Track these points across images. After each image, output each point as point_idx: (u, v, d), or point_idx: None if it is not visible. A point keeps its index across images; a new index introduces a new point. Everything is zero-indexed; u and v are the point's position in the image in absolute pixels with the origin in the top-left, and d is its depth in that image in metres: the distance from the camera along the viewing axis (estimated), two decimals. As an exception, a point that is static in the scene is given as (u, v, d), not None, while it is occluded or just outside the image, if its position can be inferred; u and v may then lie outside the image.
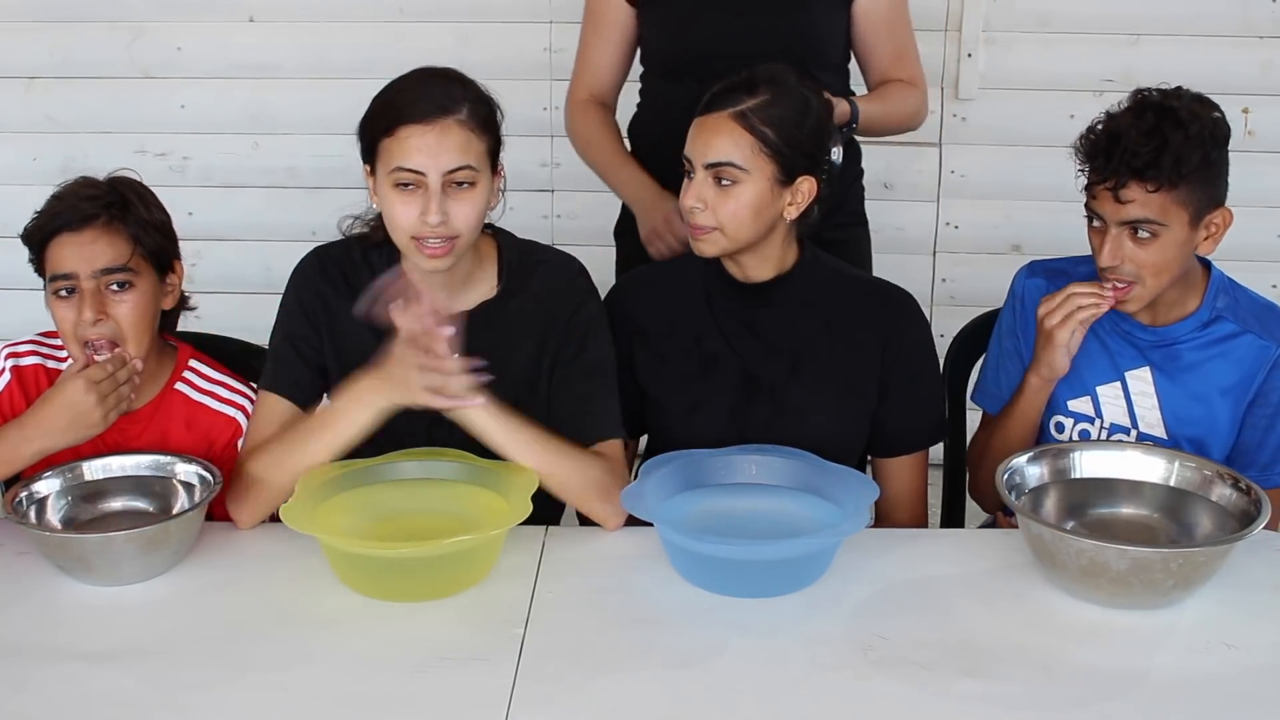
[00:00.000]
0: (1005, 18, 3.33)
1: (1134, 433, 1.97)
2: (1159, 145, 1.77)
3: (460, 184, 1.77)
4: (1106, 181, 1.81)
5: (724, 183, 1.85)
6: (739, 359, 1.97)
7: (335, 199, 3.68)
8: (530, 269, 1.93)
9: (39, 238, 1.85)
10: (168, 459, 1.87)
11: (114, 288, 1.85)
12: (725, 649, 1.58)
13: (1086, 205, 1.87)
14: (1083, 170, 1.86)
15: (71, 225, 1.83)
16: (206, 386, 1.97)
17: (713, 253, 1.91)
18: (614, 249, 2.48)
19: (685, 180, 1.90)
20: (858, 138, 2.38)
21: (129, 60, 3.46)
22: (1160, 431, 1.97)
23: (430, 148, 1.75)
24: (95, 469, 1.87)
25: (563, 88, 3.21)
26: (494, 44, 3.39)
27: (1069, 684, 1.51)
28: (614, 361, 1.95)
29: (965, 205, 3.47)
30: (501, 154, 1.85)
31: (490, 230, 1.94)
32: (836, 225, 2.37)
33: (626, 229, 2.38)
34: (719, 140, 1.85)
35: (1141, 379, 1.97)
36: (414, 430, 1.85)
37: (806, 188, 1.90)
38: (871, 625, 1.62)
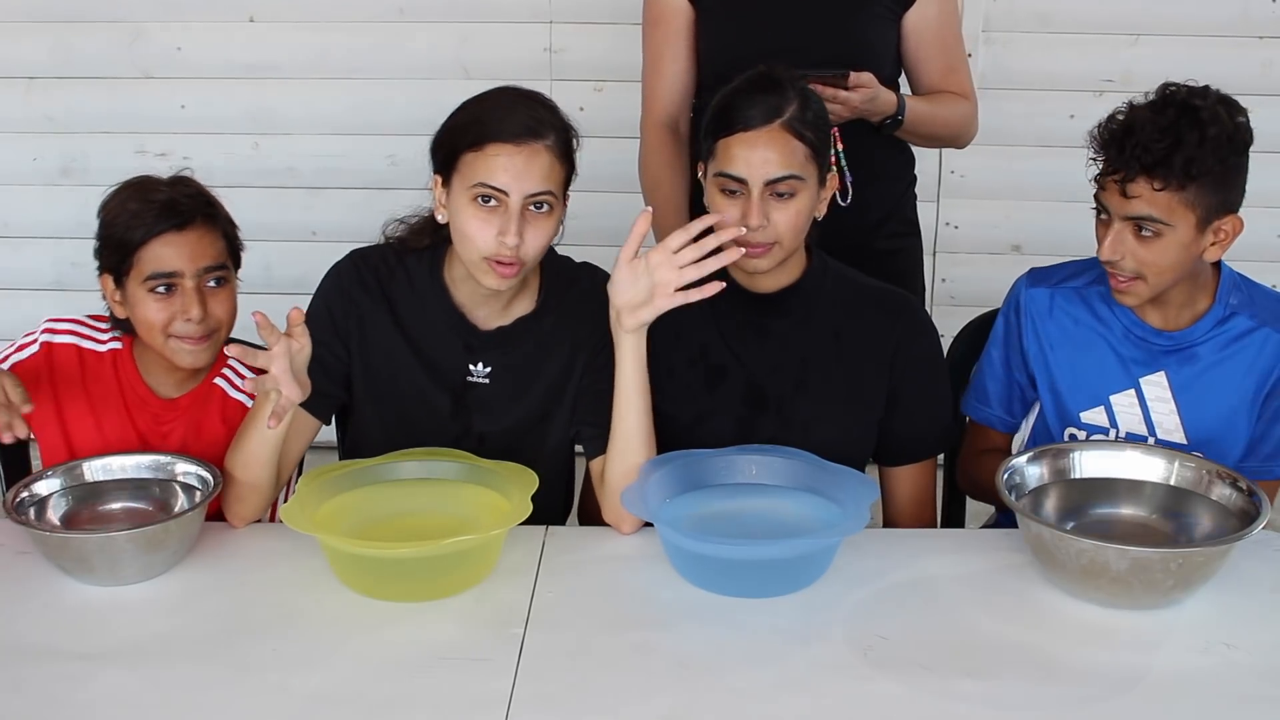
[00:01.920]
0: (1005, 18, 3.33)
1: (1151, 440, 1.94)
2: (1172, 144, 1.72)
3: (538, 208, 1.78)
4: (1115, 174, 1.76)
5: (782, 195, 1.81)
6: (745, 371, 1.95)
7: (336, 199, 3.67)
8: (566, 286, 1.94)
9: (139, 237, 1.84)
10: (168, 459, 1.87)
11: (212, 284, 1.89)
12: (725, 649, 1.58)
13: (1095, 197, 1.82)
14: (1095, 160, 1.81)
15: (178, 225, 1.85)
16: (243, 384, 1.97)
17: (768, 267, 1.85)
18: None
19: (728, 197, 1.82)
20: (912, 145, 2.36)
21: (129, 60, 3.46)
22: (1179, 437, 1.93)
23: (517, 169, 1.74)
24: (95, 469, 1.86)
25: (563, 88, 3.18)
26: (494, 44, 3.39)
27: (1069, 684, 1.51)
28: None
29: (965, 205, 3.48)
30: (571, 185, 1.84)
31: None
32: (891, 235, 2.36)
33: None
34: (776, 154, 1.79)
35: (1157, 384, 1.92)
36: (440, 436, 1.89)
37: (831, 183, 1.88)
38: (871, 625, 1.62)
